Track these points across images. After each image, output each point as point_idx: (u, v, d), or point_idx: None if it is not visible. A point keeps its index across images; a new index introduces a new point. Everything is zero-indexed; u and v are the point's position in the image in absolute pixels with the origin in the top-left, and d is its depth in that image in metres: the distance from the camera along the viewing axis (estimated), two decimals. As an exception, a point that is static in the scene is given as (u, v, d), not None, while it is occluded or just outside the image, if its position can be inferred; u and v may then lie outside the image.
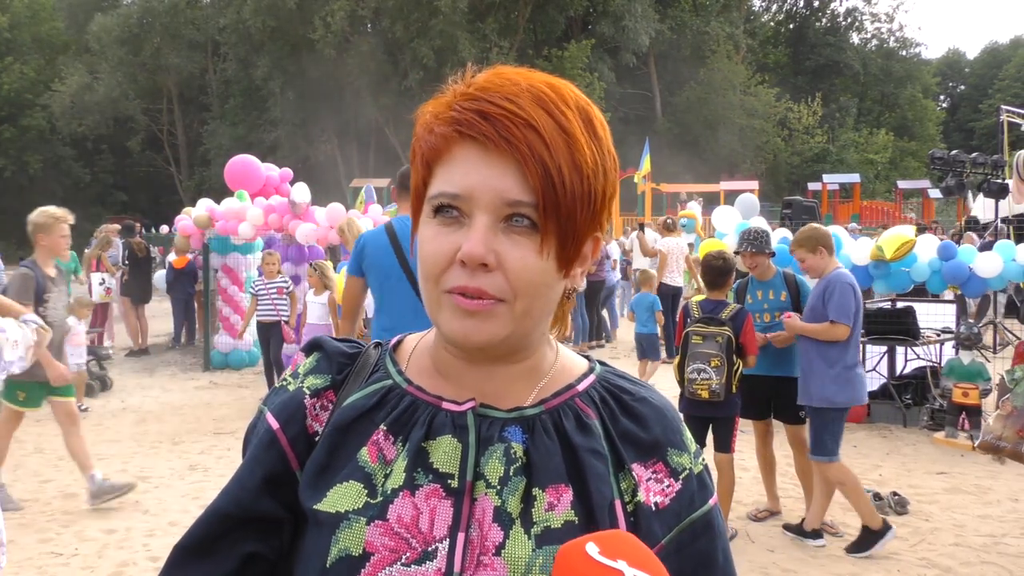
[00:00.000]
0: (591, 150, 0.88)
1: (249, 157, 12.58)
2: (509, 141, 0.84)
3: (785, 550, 5.19)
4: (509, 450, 0.91)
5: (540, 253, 0.86)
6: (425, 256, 0.89)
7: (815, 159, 42.77)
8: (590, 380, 1.00)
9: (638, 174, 28.15)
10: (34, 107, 41.83)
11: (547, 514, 0.89)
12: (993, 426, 4.91)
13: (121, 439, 7.92)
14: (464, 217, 0.86)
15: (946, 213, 29.74)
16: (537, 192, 0.84)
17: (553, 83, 0.90)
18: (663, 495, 0.95)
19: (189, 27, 43.12)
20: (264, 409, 1.00)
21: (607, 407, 0.98)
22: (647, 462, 0.96)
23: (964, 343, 8.14)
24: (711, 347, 5.10)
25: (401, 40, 37.03)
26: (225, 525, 0.94)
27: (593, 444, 0.93)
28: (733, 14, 46.55)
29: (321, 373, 1.00)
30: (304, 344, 1.06)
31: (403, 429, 0.93)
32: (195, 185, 41.85)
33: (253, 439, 0.99)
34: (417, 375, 0.98)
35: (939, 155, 15.47)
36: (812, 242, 5.30)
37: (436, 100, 0.92)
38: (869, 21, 52.01)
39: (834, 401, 5.08)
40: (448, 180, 0.87)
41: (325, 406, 0.98)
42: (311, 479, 0.93)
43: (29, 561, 4.99)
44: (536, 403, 0.95)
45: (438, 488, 0.89)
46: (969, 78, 62.18)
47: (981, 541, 5.37)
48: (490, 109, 0.85)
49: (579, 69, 36.76)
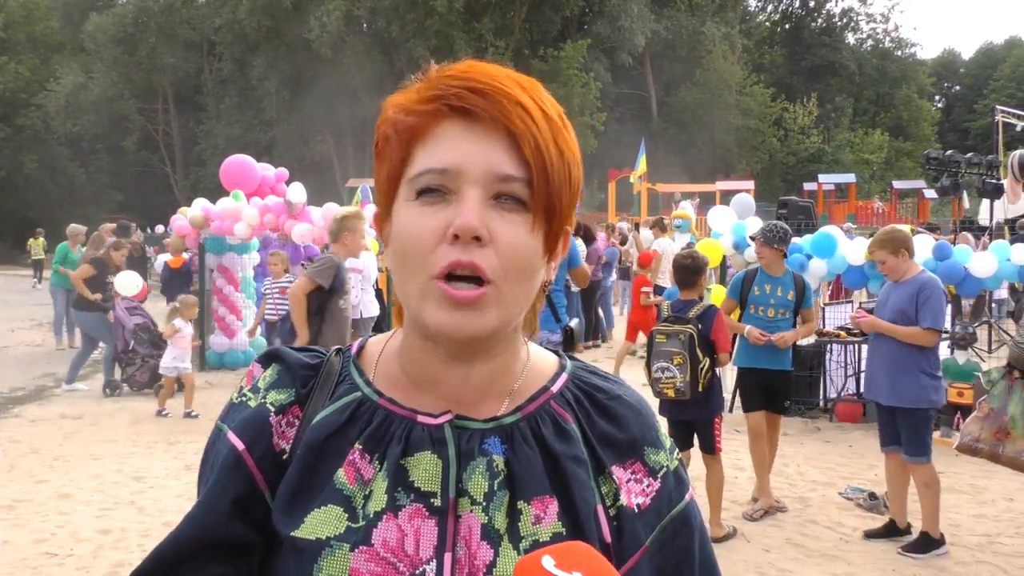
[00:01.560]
0: (571, 138, 0.88)
1: (245, 157, 12.57)
2: (502, 112, 0.82)
3: (781, 550, 5.20)
4: (492, 463, 0.88)
5: (531, 231, 0.84)
6: (408, 238, 0.84)
7: (811, 159, 42.83)
8: (563, 380, 0.97)
9: (634, 174, 28.15)
10: (29, 107, 41.78)
11: (534, 527, 0.86)
12: (970, 428, 4.96)
13: (117, 439, 7.91)
14: (451, 194, 0.83)
15: (941, 213, 29.80)
16: (530, 167, 0.83)
17: (529, 78, 0.89)
18: (644, 495, 0.93)
19: (184, 27, 43.11)
20: (224, 427, 0.93)
21: (582, 408, 0.95)
22: (625, 463, 0.94)
23: (959, 343, 8.15)
24: (674, 345, 5.10)
25: (397, 40, 37.06)
26: (191, 550, 0.87)
27: (574, 451, 0.91)
28: (729, 14, 46.64)
29: (284, 387, 0.94)
30: (262, 354, 0.99)
31: (379, 446, 0.89)
32: (191, 185, 41.78)
33: (214, 459, 0.93)
34: (386, 385, 0.94)
35: (934, 155, 15.47)
36: (895, 244, 5.23)
37: (404, 93, 0.89)
38: (864, 21, 52.14)
39: (932, 401, 5.11)
40: (433, 157, 0.84)
41: (291, 422, 0.92)
42: (285, 503, 0.87)
43: (24, 562, 4.97)
44: (512, 410, 0.92)
45: (421, 508, 0.86)
46: (964, 78, 62.29)
47: (976, 540, 5.38)
48: (478, 85, 0.83)
49: (575, 69, 36.76)
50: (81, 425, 8.52)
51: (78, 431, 8.25)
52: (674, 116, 43.50)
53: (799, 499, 6.11)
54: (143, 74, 43.15)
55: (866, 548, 5.24)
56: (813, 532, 5.50)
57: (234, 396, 0.97)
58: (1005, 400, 4.80)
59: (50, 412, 9.10)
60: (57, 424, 8.52)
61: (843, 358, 8.87)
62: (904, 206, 32.68)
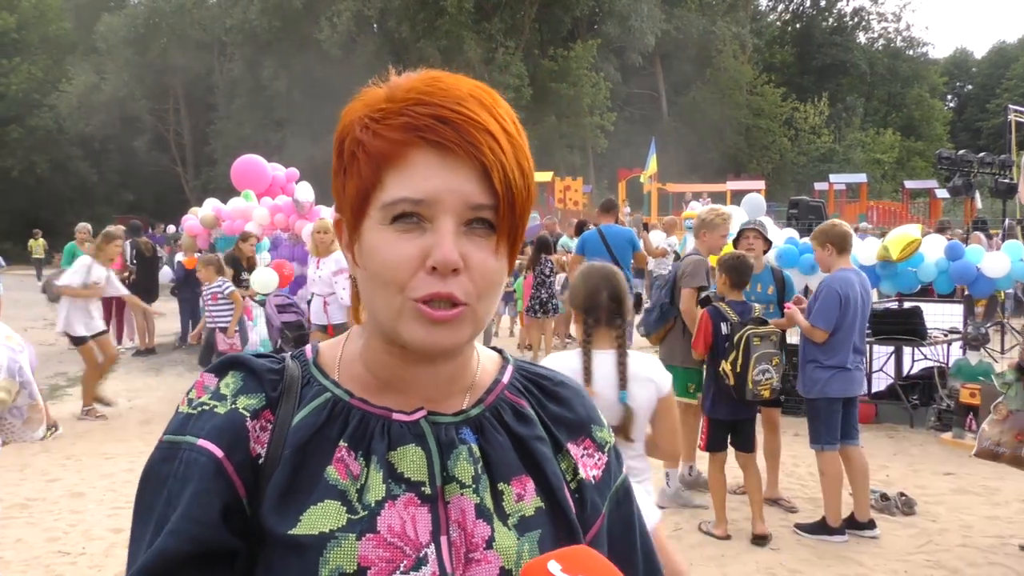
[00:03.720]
0: (526, 149, 0.91)
1: (255, 157, 12.61)
2: (474, 145, 0.85)
3: (791, 551, 5.18)
4: (471, 450, 0.94)
5: (496, 253, 0.89)
6: (384, 263, 0.86)
7: (821, 159, 42.72)
8: (510, 371, 1.05)
9: (644, 174, 28.14)
10: (41, 107, 41.91)
11: (518, 504, 0.94)
12: (990, 432, 4.93)
13: (128, 439, 7.94)
14: (425, 222, 0.86)
15: (953, 213, 29.66)
16: (500, 194, 0.86)
17: (486, 88, 0.91)
18: (596, 468, 1.03)
19: (196, 27, 43.22)
20: (188, 438, 0.90)
21: (532, 395, 1.03)
22: (577, 440, 1.03)
23: (972, 343, 8.11)
24: (769, 346, 5.13)
25: (407, 40, 37.11)
26: (180, 565, 0.84)
27: (536, 432, 0.99)
28: (739, 14, 46.58)
29: (253, 392, 0.93)
30: (212, 364, 0.97)
31: (361, 443, 0.92)
32: (201, 185, 41.89)
33: (181, 471, 0.88)
34: (354, 386, 0.96)
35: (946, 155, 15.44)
36: (821, 237, 5.45)
37: (364, 102, 0.91)
38: (876, 21, 52.07)
39: (821, 391, 5.27)
40: (407, 186, 0.86)
41: (264, 427, 0.92)
42: (275, 505, 0.88)
43: (36, 560, 5.00)
44: (475, 403, 0.98)
45: (413, 496, 0.90)
46: (976, 77, 62.01)
47: (988, 542, 5.35)
48: (446, 114, 0.85)
49: (585, 69, 36.76)
50: (93, 424, 8.56)
51: (90, 430, 8.29)
52: (684, 116, 43.45)
53: (810, 500, 6.08)
54: (154, 74, 43.25)
55: (878, 550, 5.22)
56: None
57: (183, 408, 0.93)
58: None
59: (62, 411, 9.13)
60: (69, 423, 8.55)
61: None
62: (916, 206, 32.55)
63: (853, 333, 5.30)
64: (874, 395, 8.65)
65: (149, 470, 0.91)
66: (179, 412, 0.94)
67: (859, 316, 5.32)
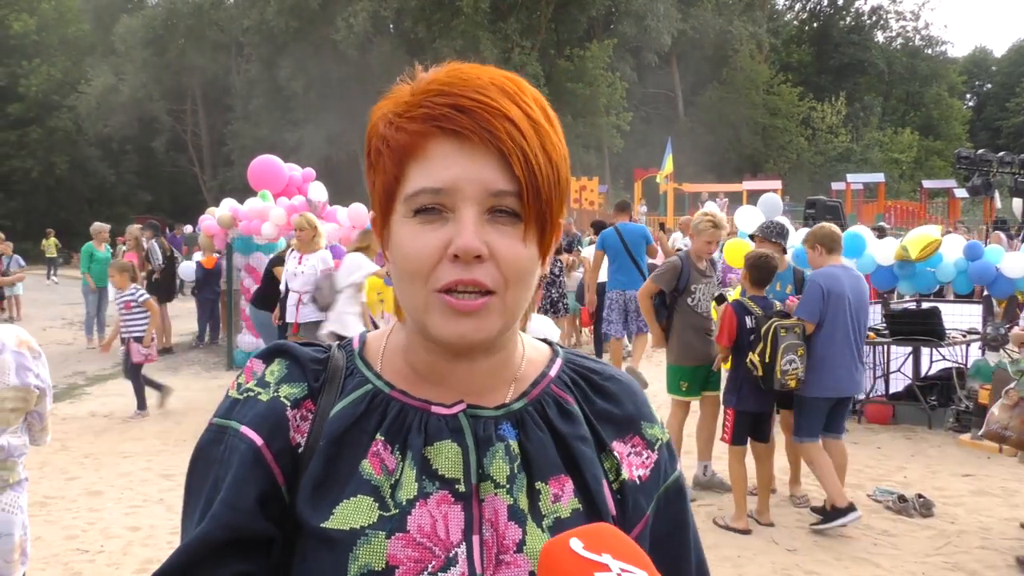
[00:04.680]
0: (556, 137, 0.89)
1: (272, 157, 12.63)
2: (491, 132, 0.84)
3: (808, 551, 5.16)
4: (508, 448, 0.92)
5: (524, 240, 0.87)
6: (408, 256, 0.87)
7: (839, 158, 42.50)
8: (559, 364, 1.03)
9: (660, 174, 28.09)
10: (61, 108, 42.27)
11: (554, 506, 0.91)
12: (999, 416, 5.06)
13: (145, 437, 7.99)
14: (447, 212, 0.85)
15: (972, 213, 29.45)
16: (522, 180, 0.85)
17: (511, 77, 0.90)
18: (643, 467, 1.00)
19: (213, 28, 43.42)
20: (233, 423, 0.92)
21: (580, 389, 1.01)
22: (624, 438, 1.00)
23: (991, 344, 8.04)
24: (794, 337, 5.31)
25: (423, 41, 37.14)
26: (217, 549, 0.86)
27: (579, 431, 0.97)
28: (756, 13, 46.38)
29: (295, 381, 0.95)
30: (262, 350, 0.99)
31: (398, 437, 0.92)
32: (219, 185, 42.10)
33: (226, 456, 0.90)
34: (395, 378, 0.96)
35: (965, 154, 15.33)
36: (811, 239, 5.71)
37: (391, 99, 0.91)
38: (894, 19, 51.75)
39: (808, 391, 5.40)
40: (428, 175, 0.86)
41: (305, 416, 0.93)
42: (309, 496, 0.89)
43: (55, 557, 5.04)
44: (519, 396, 0.97)
45: (447, 494, 0.89)
46: (996, 76, 61.44)
47: (1008, 544, 5.30)
48: (464, 103, 0.84)
49: (601, 69, 36.70)
50: (111, 423, 8.62)
51: (108, 429, 8.35)
52: (701, 115, 43.34)
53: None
54: (172, 75, 43.49)
55: (896, 551, 5.19)
56: (841, 534, 5.45)
57: (232, 392, 0.96)
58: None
59: (80, 410, 9.21)
60: (87, 422, 8.62)
61: (872, 359, 8.78)
62: (934, 206, 32.32)
63: (839, 329, 5.42)
64: (892, 396, 8.60)
65: (199, 451, 0.94)
66: (228, 396, 0.96)
67: (850, 313, 5.44)
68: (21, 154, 41.62)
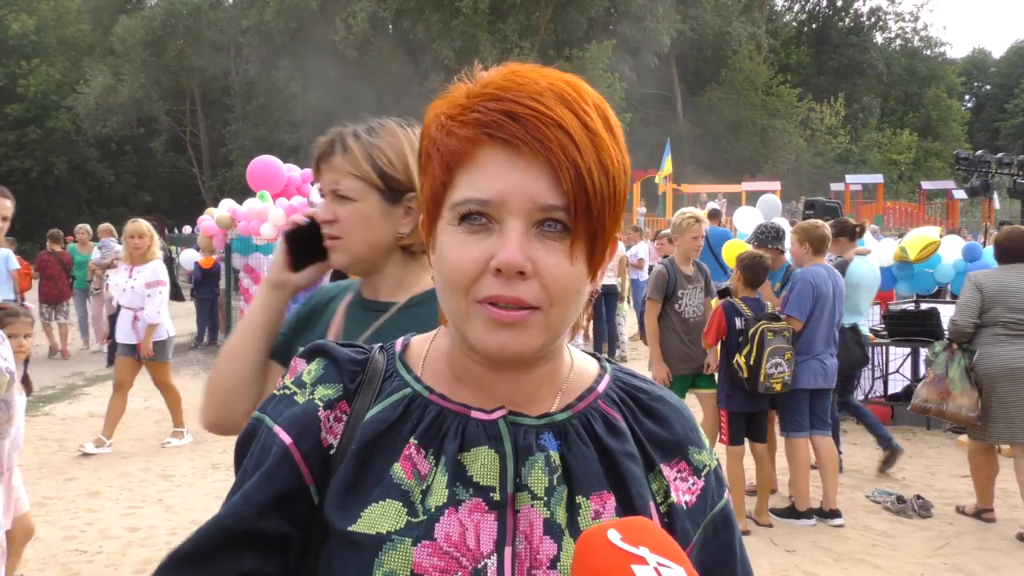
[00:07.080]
0: (615, 149, 0.85)
1: (271, 158, 12.65)
2: (541, 143, 0.80)
3: (807, 552, 5.16)
4: (549, 459, 0.89)
5: (571, 258, 0.83)
6: (451, 265, 0.84)
7: (837, 159, 42.50)
8: (607, 380, 0.99)
9: (659, 175, 28.12)
10: (59, 109, 42.18)
11: (595, 522, 0.87)
12: (921, 392, 5.89)
13: (144, 437, 7.99)
14: (493, 223, 0.82)
15: (971, 214, 29.47)
16: (569, 195, 0.81)
17: (570, 81, 0.87)
18: (690, 493, 0.96)
19: (212, 29, 43.38)
20: (267, 420, 0.93)
21: (628, 408, 0.97)
22: (672, 461, 0.96)
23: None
24: (782, 341, 5.35)
25: (422, 41, 37.14)
26: (225, 539, 0.87)
27: (627, 447, 0.93)
28: (755, 14, 46.38)
29: (331, 382, 0.94)
30: (305, 348, 0.99)
31: (433, 441, 0.89)
32: (217, 186, 42.07)
33: (256, 451, 0.92)
34: (436, 382, 0.94)
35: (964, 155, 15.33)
36: (802, 235, 5.80)
37: (447, 99, 0.87)
38: (893, 20, 51.74)
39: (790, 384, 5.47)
40: (475, 185, 0.83)
41: (339, 417, 0.92)
42: (339, 498, 0.87)
43: (54, 558, 5.04)
44: (564, 408, 0.93)
45: (480, 502, 0.86)
46: (995, 77, 61.46)
47: (1006, 545, 5.31)
48: (517, 109, 0.81)
49: (600, 70, 36.67)
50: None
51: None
52: (700, 116, 43.33)
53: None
54: (171, 76, 43.47)
55: (894, 552, 5.19)
56: (840, 535, 5.46)
57: (277, 389, 0.96)
58: (946, 367, 5.68)
59: (79, 410, 9.20)
60: (86, 422, 8.61)
61: (871, 360, 8.78)
62: (933, 207, 32.34)
63: (821, 325, 5.58)
64: (890, 397, 8.60)
65: (240, 439, 0.96)
66: (273, 392, 0.97)
67: (829, 310, 5.61)
68: (20, 154, 41.53)
